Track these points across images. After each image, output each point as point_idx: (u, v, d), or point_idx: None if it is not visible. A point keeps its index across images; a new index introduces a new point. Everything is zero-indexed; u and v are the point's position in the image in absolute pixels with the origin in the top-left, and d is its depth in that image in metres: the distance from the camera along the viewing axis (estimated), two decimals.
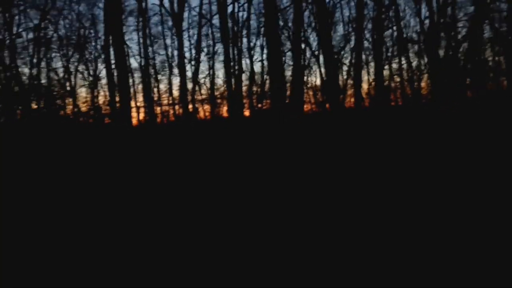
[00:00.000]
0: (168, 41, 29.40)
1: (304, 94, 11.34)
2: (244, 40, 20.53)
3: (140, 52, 23.88)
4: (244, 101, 18.74)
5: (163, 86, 35.95)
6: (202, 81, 27.89)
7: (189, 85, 22.27)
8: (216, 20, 24.68)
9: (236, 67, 16.54)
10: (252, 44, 20.02)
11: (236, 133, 12.24)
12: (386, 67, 23.26)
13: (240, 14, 24.44)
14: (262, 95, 18.33)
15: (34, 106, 18.24)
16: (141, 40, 22.97)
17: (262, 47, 29.33)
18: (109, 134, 12.28)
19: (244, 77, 18.96)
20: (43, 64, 21.11)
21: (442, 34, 20.87)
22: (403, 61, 22.66)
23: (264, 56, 22.81)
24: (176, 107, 23.68)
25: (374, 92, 18.28)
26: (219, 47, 25.31)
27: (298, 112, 9.79)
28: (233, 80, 15.65)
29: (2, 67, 17.69)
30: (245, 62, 23.07)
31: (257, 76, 19.48)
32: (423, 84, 23.71)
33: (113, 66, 14.14)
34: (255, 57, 23.69)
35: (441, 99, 18.77)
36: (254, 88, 18.66)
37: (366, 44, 22.91)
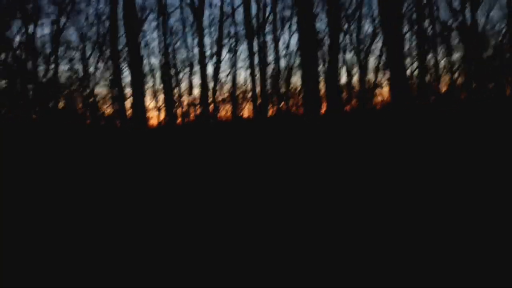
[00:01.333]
0: (189, 40, 28.48)
1: (339, 92, 10.07)
2: (268, 36, 19.37)
3: (160, 50, 23.18)
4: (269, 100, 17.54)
5: (184, 85, 35.24)
6: (223, 79, 26.98)
7: (210, 84, 21.34)
8: (238, 16, 23.63)
9: (259, 61, 15.25)
10: (278, 35, 18.66)
11: (260, 138, 11.08)
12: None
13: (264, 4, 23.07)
14: (288, 93, 17.11)
15: (51, 105, 17.77)
16: (161, 38, 22.31)
17: (288, 41, 27.89)
18: (121, 136, 11.44)
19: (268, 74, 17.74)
20: (61, 62, 20.72)
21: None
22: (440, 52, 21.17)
23: (290, 49, 21.60)
24: (197, 107, 22.81)
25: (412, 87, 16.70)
26: (242, 44, 24.40)
27: (335, 113, 8.50)
28: (257, 76, 14.42)
29: (18, 65, 17.25)
30: (271, 56, 21.77)
31: (283, 73, 18.18)
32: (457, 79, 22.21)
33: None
34: (281, 52, 22.53)
35: (477, 96, 17.13)
36: (281, 86, 17.32)
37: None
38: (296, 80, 26.00)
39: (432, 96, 19.20)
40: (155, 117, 29.82)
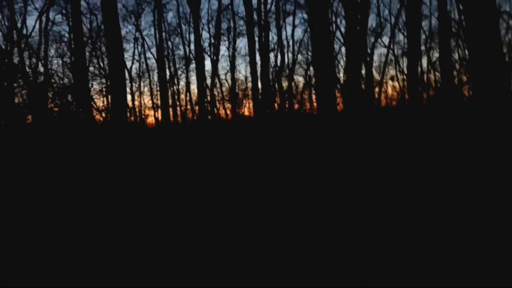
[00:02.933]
0: (187, 36, 27.31)
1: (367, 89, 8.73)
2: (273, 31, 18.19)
3: (156, 46, 22.06)
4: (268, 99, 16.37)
5: (182, 83, 33.97)
6: (222, 77, 25.88)
7: (209, 81, 20.24)
8: (237, 8, 22.46)
9: (261, 56, 14.05)
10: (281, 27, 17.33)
11: (263, 140, 10.02)
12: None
13: None
14: (290, 90, 15.92)
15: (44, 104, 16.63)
16: (157, 34, 21.19)
17: (291, 34, 26.42)
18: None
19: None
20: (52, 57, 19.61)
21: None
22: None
23: (295, 39, 20.42)
24: (195, 105, 21.74)
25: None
26: (242, 40, 23.30)
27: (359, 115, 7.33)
28: (258, 70, 13.26)
29: (6, 61, 16.13)
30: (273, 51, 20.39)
31: (285, 69, 16.98)
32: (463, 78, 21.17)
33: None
34: (286, 43, 21.26)
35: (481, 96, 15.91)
36: (283, 83, 16.13)
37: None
38: (298, 76, 24.65)
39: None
40: (152, 115, 28.77)
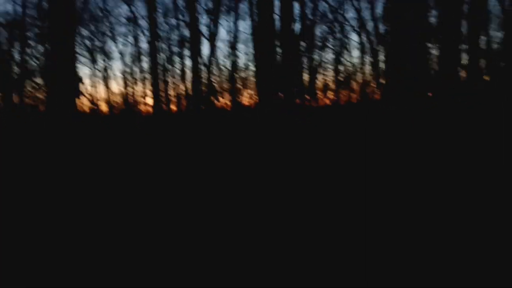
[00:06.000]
0: (182, 17, 24.87)
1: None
2: None
3: (148, 28, 19.90)
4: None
5: (177, 68, 31.64)
6: (221, 62, 23.87)
7: (205, 67, 18.16)
8: None
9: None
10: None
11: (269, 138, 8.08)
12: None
13: None
14: (299, 80, 13.79)
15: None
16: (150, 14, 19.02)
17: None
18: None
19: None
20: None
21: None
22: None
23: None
24: (190, 93, 19.73)
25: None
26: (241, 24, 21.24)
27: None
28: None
29: None
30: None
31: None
32: None
33: None
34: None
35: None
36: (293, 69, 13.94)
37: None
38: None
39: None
40: (144, 104, 26.91)
